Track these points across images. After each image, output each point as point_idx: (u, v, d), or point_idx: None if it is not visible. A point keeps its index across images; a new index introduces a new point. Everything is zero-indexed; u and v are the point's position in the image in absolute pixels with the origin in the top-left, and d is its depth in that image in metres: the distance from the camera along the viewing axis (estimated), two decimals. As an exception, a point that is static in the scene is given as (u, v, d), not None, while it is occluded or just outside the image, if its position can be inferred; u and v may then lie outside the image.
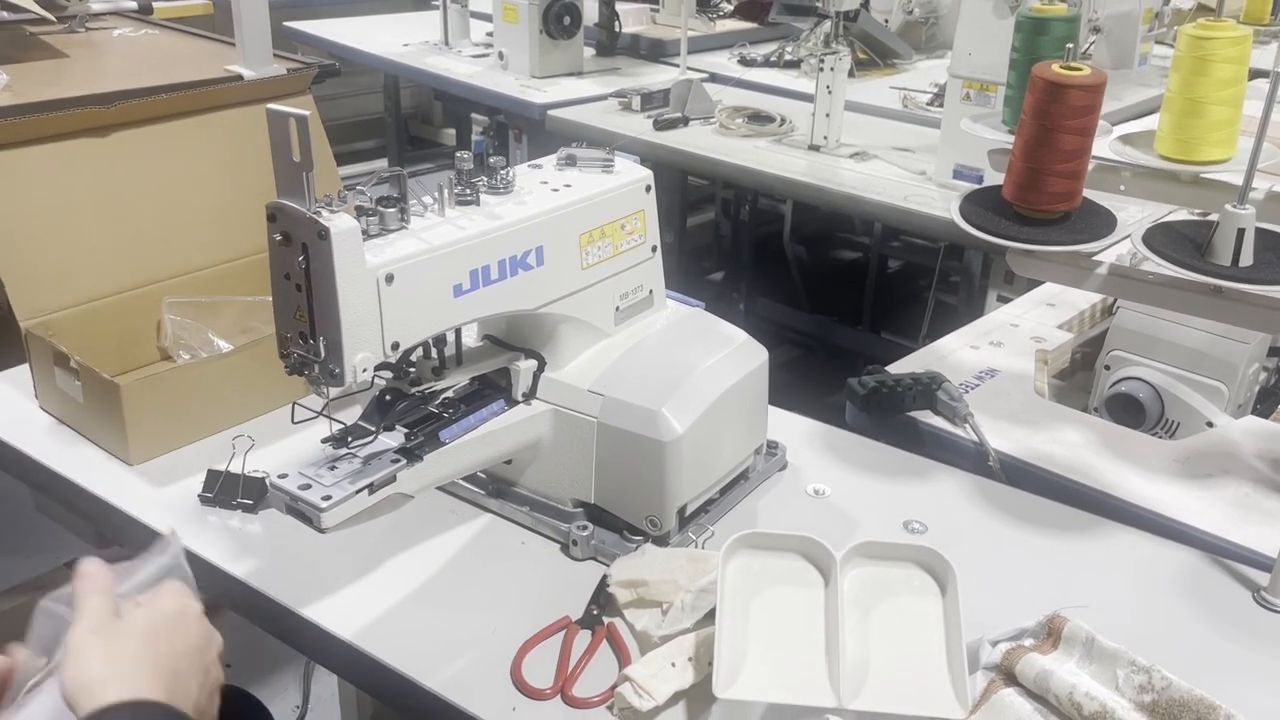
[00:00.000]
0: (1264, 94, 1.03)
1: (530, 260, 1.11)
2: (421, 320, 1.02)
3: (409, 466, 1.09)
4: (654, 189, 1.25)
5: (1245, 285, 1.04)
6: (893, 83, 3.31)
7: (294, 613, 1.10)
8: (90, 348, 1.37)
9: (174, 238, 1.57)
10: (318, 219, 0.92)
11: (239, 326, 1.56)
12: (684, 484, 1.17)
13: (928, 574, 1.04)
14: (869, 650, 0.98)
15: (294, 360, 0.99)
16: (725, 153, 2.71)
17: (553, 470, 1.21)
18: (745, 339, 1.27)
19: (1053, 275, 1.18)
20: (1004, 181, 1.16)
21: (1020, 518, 1.28)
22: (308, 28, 3.96)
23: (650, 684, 0.96)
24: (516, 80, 3.34)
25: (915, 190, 2.42)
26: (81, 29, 2.68)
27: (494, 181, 1.12)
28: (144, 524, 1.23)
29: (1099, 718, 0.85)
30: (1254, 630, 1.10)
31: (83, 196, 1.49)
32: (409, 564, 1.18)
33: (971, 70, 2.29)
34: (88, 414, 1.33)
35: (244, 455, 1.27)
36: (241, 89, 1.74)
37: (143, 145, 1.54)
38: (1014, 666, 0.93)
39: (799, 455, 1.38)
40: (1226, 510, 1.31)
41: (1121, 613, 1.10)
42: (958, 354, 1.71)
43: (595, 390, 1.17)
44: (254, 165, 1.68)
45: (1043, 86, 1.08)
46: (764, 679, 0.96)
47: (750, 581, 1.04)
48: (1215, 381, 1.59)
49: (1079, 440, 1.46)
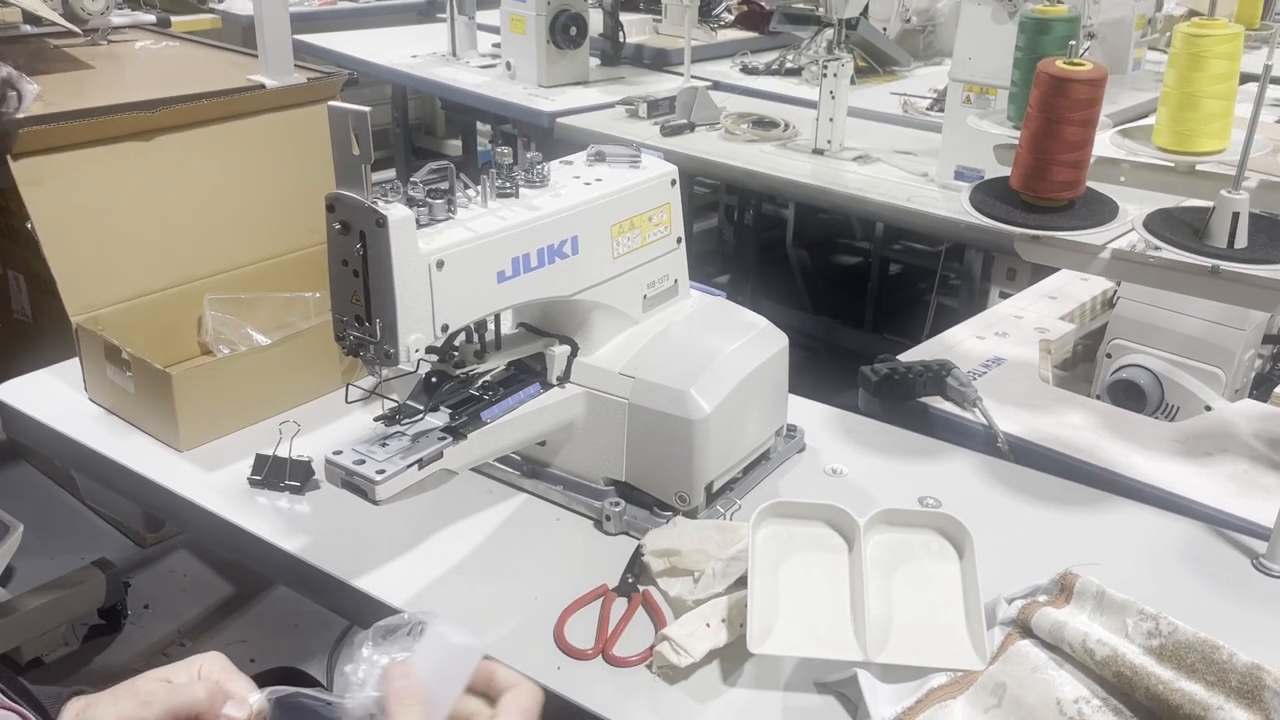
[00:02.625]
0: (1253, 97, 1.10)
1: (566, 249, 1.18)
2: (468, 304, 1.09)
3: (454, 444, 1.15)
4: (679, 183, 1.32)
5: (1241, 265, 1.10)
6: (892, 89, 3.38)
7: (347, 584, 1.16)
8: (135, 342, 1.43)
9: (213, 237, 1.63)
10: (376, 208, 0.99)
11: (276, 321, 1.62)
12: (711, 461, 1.23)
13: (946, 539, 1.10)
14: (892, 609, 1.04)
15: (350, 342, 1.05)
16: (731, 157, 2.78)
17: (585, 450, 1.28)
18: (766, 325, 1.34)
19: (1060, 260, 1.25)
20: (1011, 173, 1.23)
21: (1029, 493, 1.34)
22: (318, 40, 4.04)
23: (687, 642, 1.02)
24: (524, 89, 3.41)
25: (918, 191, 2.49)
26: (104, 42, 2.75)
27: (530, 175, 1.19)
28: (197, 505, 1.29)
29: (1111, 662, 0.91)
30: (1254, 594, 1.16)
31: (128, 198, 1.55)
32: (451, 540, 1.24)
33: (972, 74, 2.37)
34: (138, 404, 1.40)
35: (290, 440, 1.33)
36: (271, 96, 1.81)
37: (183, 149, 1.61)
38: (1029, 620, 0.99)
39: (816, 438, 1.44)
40: (1225, 485, 1.38)
41: (1128, 579, 1.15)
42: (965, 344, 1.77)
43: (626, 373, 1.24)
44: (286, 169, 1.75)
45: (1048, 81, 1.15)
46: (794, 636, 1.02)
47: (779, 547, 1.10)
48: (1212, 367, 1.66)
49: (1083, 423, 1.53)
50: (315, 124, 1.81)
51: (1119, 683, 0.91)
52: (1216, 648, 0.88)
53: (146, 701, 0.88)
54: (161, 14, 3.02)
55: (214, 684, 0.90)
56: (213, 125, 1.66)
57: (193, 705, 0.89)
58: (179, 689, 0.89)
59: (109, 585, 2.44)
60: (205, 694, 0.89)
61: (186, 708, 0.89)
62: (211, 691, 0.90)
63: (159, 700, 0.88)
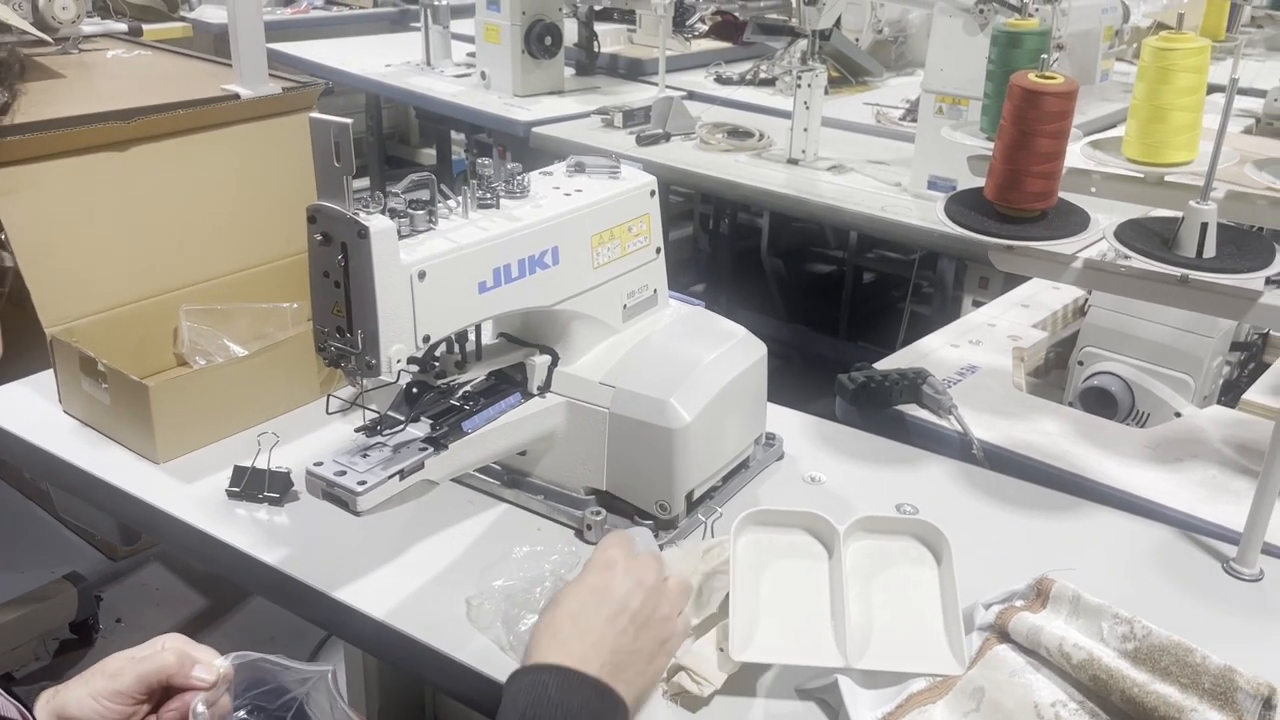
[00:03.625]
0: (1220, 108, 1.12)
1: (547, 260, 1.18)
2: (450, 314, 1.09)
3: (435, 455, 1.15)
4: (658, 193, 1.33)
5: (1209, 275, 1.13)
6: (865, 99, 3.42)
7: (326, 595, 1.16)
8: (111, 353, 1.42)
9: (189, 248, 1.63)
10: (358, 219, 0.99)
11: (253, 332, 1.62)
12: (691, 470, 1.24)
13: (923, 545, 1.12)
14: (871, 615, 1.06)
15: (332, 353, 1.05)
16: (707, 167, 2.79)
17: (566, 459, 1.28)
18: (745, 334, 1.35)
19: (1033, 269, 1.26)
20: (985, 183, 1.25)
21: (1004, 499, 1.36)
22: (290, 49, 4.02)
23: (705, 670, 1.02)
24: (499, 99, 3.42)
25: (892, 201, 2.52)
26: (74, 50, 2.73)
27: (511, 186, 1.20)
28: (174, 517, 1.28)
29: (1087, 665, 0.93)
30: (1225, 597, 1.19)
31: (103, 208, 1.54)
32: (431, 550, 1.24)
33: (944, 85, 2.40)
34: (114, 416, 1.39)
35: (269, 451, 1.32)
36: (247, 106, 1.81)
37: (159, 159, 1.60)
38: (1006, 625, 1.01)
39: (795, 446, 1.46)
40: (1196, 490, 1.40)
41: (1102, 584, 1.17)
42: (939, 352, 1.79)
43: (606, 383, 1.24)
44: (263, 179, 1.75)
45: (1020, 94, 1.16)
46: (776, 643, 1.03)
47: (760, 555, 1.11)
48: (1182, 374, 1.69)
49: (1056, 429, 1.55)
50: (291, 134, 1.82)
51: (1095, 686, 0.93)
52: (1190, 650, 0.90)
53: (116, 674, 0.90)
54: (133, 22, 3.00)
55: (181, 651, 0.91)
56: (188, 135, 1.66)
57: (162, 670, 0.90)
58: (148, 658, 0.91)
59: (80, 599, 2.41)
60: (175, 659, 0.91)
61: (156, 673, 0.90)
62: (181, 656, 0.91)
63: (128, 671, 0.90)
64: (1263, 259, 1.13)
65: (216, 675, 0.92)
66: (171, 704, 0.92)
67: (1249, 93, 3.08)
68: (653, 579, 0.98)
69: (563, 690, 0.87)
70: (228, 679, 0.93)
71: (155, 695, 0.92)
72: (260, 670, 0.95)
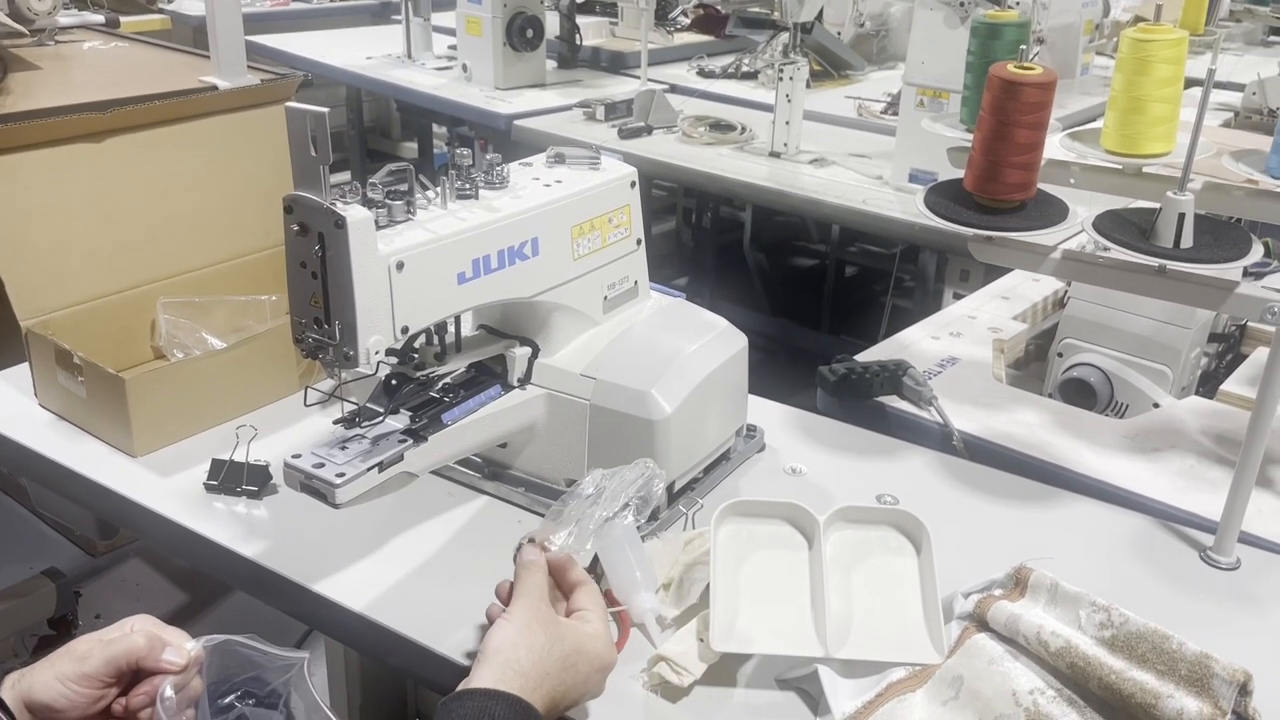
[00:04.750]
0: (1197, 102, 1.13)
1: (526, 251, 1.18)
2: (429, 305, 1.08)
3: (414, 447, 1.15)
4: (639, 185, 1.32)
5: (1186, 265, 1.13)
6: (847, 92, 3.42)
7: (305, 589, 1.15)
8: (87, 346, 1.41)
9: (166, 240, 1.61)
10: (334, 209, 0.98)
11: (231, 325, 1.61)
12: (672, 461, 1.24)
13: (903, 535, 1.12)
14: (851, 605, 1.06)
15: (309, 344, 1.04)
16: (689, 160, 2.79)
17: (547, 451, 1.28)
18: (726, 326, 1.35)
19: (1012, 260, 1.27)
20: (965, 175, 1.25)
21: (984, 490, 1.36)
22: (270, 41, 4.00)
23: (685, 660, 1.01)
24: (481, 91, 3.41)
25: (873, 194, 2.52)
26: (51, 42, 2.70)
27: (490, 177, 1.19)
28: (152, 511, 1.27)
29: (1065, 653, 0.93)
30: (1202, 585, 1.19)
31: (79, 200, 1.53)
32: (411, 543, 1.23)
33: (925, 78, 2.40)
34: (91, 409, 1.38)
35: (247, 444, 1.31)
36: (225, 97, 1.79)
37: (135, 151, 1.59)
38: (985, 614, 1.01)
39: (776, 438, 1.46)
40: (1173, 480, 1.41)
41: (1080, 572, 1.17)
42: (920, 344, 1.80)
43: (587, 374, 1.24)
44: (240, 171, 1.74)
45: (999, 85, 1.17)
46: (756, 632, 1.03)
47: (740, 545, 1.11)
48: (1160, 365, 1.70)
49: (1036, 420, 1.56)
50: (269, 126, 1.81)
51: (1073, 673, 0.93)
52: (1166, 637, 0.90)
53: (84, 657, 0.89)
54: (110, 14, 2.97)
55: (150, 634, 0.90)
56: (165, 127, 1.64)
57: (131, 652, 0.89)
58: (116, 640, 0.89)
59: (59, 595, 2.39)
60: (144, 641, 0.90)
61: (125, 655, 0.89)
62: (150, 638, 0.90)
63: (96, 654, 0.88)
64: (1239, 249, 1.13)
65: (186, 658, 0.90)
66: (141, 687, 0.90)
67: (1227, 86, 3.10)
68: (605, 644, 0.97)
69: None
70: (198, 662, 0.91)
71: (124, 678, 0.90)
72: (233, 654, 0.94)
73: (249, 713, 0.94)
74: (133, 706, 0.90)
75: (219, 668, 0.93)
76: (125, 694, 0.91)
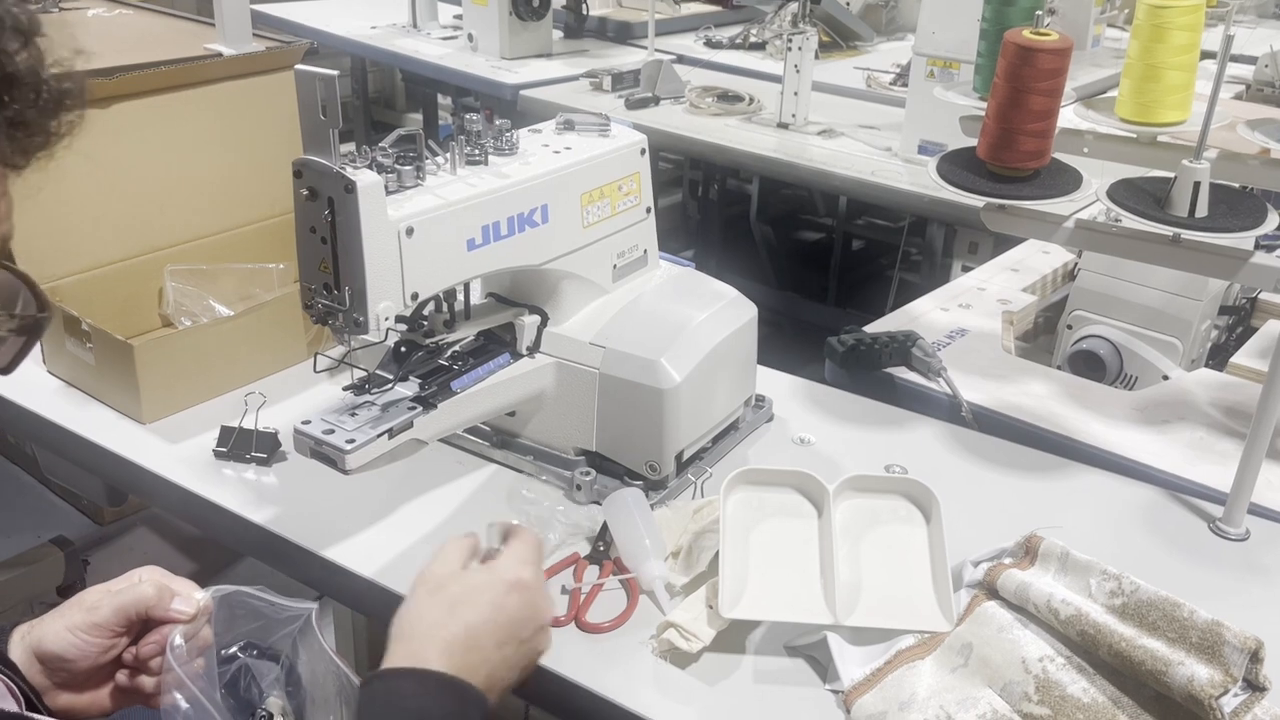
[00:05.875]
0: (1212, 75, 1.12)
1: (536, 218, 1.17)
2: (438, 272, 1.08)
3: (424, 414, 1.14)
4: (648, 152, 1.31)
5: (1201, 234, 1.12)
6: (856, 63, 3.39)
7: (315, 554, 1.15)
8: (95, 314, 1.40)
9: (173, 207, 1.61)
10: (344, 173, 0.97)
11: (238, 293, 1.60)
12: (682, 430, 1.24)
13: (913, 504, 1.12)
14: (860, 573, 1.06)
15: (319, 310, 1.04)
16: (696, 131, 2.78)
17: (556, 420, 1.28)
18: (736, 295, 1.34)
19: (1025, 230, 1.26)
20: (978, 143, 1.24)
21: (992, 460, 1.36)
22: (273, 10, 3.96)
23: (695, 626, 1.02)
24: (487, 61, 3.38)
25: (882, 165, 2.51)
26: (55, 9, 2.68)
27: (500, 143, 1.18)
28: (161, 477, 1.27)
29: (1074, 621, 0.93)
30: (1211, 556, 1.19)
31: (86, 166, 1.51)
32: (421, 510, 1.23)
33: (935, 48, 2.38)
34: (99, 376, 1.37)
35: (256, 411, 1.31)
36: (231, 64, 1.78)
37: (141, 117, 1.57)
38: (995, 582, 1.01)
39: (784, 408, 1.45)
40: (1183, 451, 1.41)
41: (1088, 543, 1.17)
42: (929, 315, 1.79)
43: (596, 343, 1.24)
44: (247, 139, 1.72)
45: (1014, 51, 1.15)
46: (765, 600, 1.03)
47: (749, 514, 1.11)
48: (1170, 337, 1.69)
49: (1045, 392, 1.55)
50: (276, 93, 1.79)
51: (1083, 641, 0.93)
52: (1178, 605, 0.90)
53: (94, 607, 0.88)
54: (114, -19, 2.95)
55: (159, 584, 0.90)
56: (171, 93, 1.62)
57: (140, 601, 0.89)
58: (125, 590, 0.89)
59: (67, 563, 2.41)
60: (153, 590, 0.90)
61: (135, 604, 0.89)
62: (159, 588, 0.90)
63: (106, 604, 0.88)
64: (1254, 218, 1.13)
65: (196, 607, 0.90)
66: (150, 637, 0.90)
67: (1240, 59, 3.06)
68: (544, 609, 0.94)
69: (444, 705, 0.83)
70: (207, 611, 0.92)
71: (134, 628, 0.90)
72: (242, 604, 0.94)
73: (251, 664, 0.94)
74: (143, 655, 0.90)
75: (226, 619, 0.94)
76: (135, 643, 0.91)
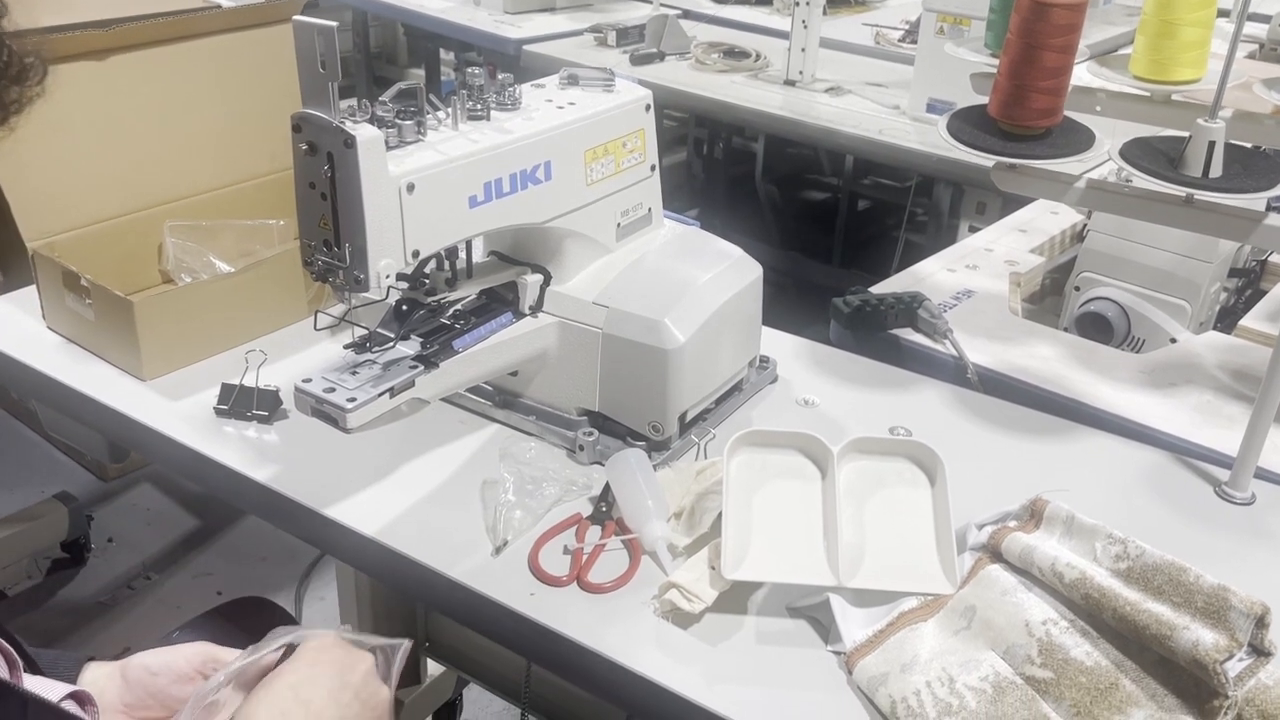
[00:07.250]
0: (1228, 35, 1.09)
1: (539, 174, 1.15)
2: (440, 229, 1.07)
3: (426, 373, 1.14)
4: (653, 108, 1.29)
5: (1215, 195, 1.10)
6: (864, 20, 3.35)
7: (317, 513, 1.15)
8: (94, 269, 1.39)
9: (173, 162, 1.59)
10: (344, 128, 0.96)
11: (238, 250, 1.59)
12: (685, 391, 1.23)
13: (917, 467, 1.11)
14: (864, 536, 1.05)
15: (319, 267, 1.03)
16: (702, 87, 2.74)
17: (558, 380, 1.27)
18: (741, 255, 1.33)
19: (1035, 190, 1.24)
20: (989, 100, 1.22)
21: (998, 423, 1.35)
22: (274, -37, 3.90)
23: (697, 587, 1.01)
24: (490, 15, 3.34)
25: (890, 124, 2.48)
26: (50, -40, 2.63)
27: (502, 98, 1.16)
28: (163, 434, 1.27)
29: (1079, 584, 0.92)
30: (1217, 520, 1.19)
31: (83, 119, 1.50)
32: (423, 469, 1.23)
33: (946, 4, 2.34)
34: (99, 332, 1.36)
35: (257, 369, 1.30)
36: (229, 15, 1.75)
37: (139, 69, 1.55)
38: (999, 545, 1.01)
39: (789, 369, 1.44)
40: (1190, 415, 1.40)
41: (1096, 506, 1.16)
42: (935, 276, 1.77)
43: (600, 302, 1.22)
44: (246, 92, 1.70)
45: (1028, 6, 1.13)
46: (768, 562, 1.03)
47: (753, 475, 1.10)
48: (1179, 300, 1.67)
49: (1052, 354, 1.54)
50: (276, 45, 1.76)
51: (1087, 604, 0.93)
52: (1184, 569, 0.90)
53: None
54: (111, -68, 2.90)
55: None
56: (169, 45, 1.60)
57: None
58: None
59: (71, 518, 2.41)
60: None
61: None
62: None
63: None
64: (1269, 179, 1.11)
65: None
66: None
67: (1254, 18, 3.01)
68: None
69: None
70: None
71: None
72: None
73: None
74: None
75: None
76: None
